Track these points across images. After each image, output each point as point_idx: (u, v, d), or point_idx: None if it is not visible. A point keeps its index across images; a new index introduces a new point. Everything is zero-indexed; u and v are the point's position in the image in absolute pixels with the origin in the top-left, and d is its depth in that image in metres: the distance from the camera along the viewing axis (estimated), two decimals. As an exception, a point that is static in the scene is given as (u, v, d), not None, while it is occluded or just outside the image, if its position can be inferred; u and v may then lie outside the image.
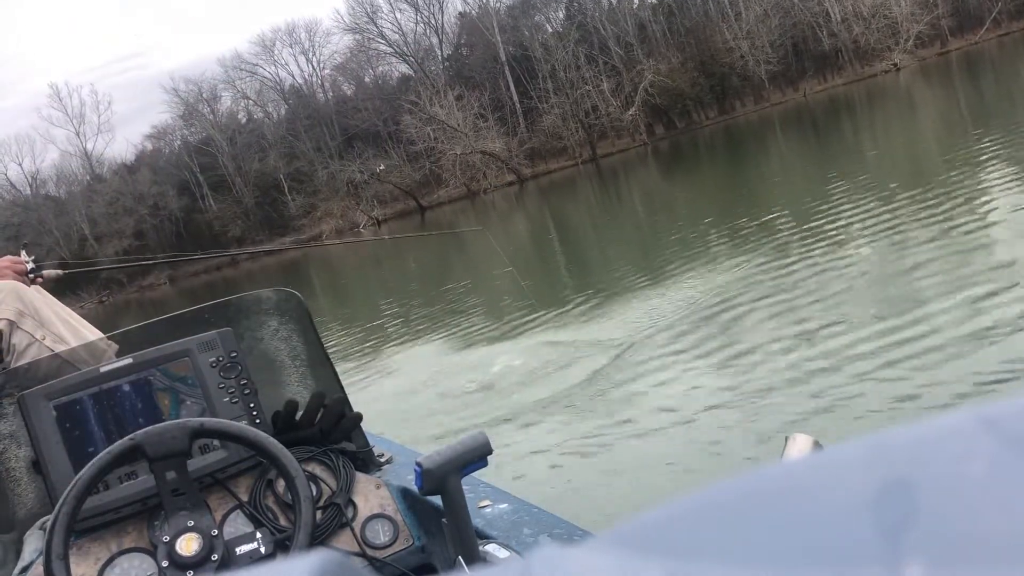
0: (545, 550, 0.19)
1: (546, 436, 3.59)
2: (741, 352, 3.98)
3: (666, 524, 0.19)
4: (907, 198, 6.64)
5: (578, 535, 1.22)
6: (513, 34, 41.57)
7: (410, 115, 37.49)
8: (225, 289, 24.51)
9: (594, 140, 39.16)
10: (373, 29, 43.64)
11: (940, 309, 3.72)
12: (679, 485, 2.70)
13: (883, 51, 36.79)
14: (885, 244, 5.32)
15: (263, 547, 1.17)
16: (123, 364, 1.31)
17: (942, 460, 0.17)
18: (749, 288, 5.27)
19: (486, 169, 37.02)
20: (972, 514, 0.16)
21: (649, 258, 7.27)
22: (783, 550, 0.17)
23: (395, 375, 5.72)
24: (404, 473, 1.40)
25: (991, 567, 0.15)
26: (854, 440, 0.19)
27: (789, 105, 35.21)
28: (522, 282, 6.53)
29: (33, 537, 1.24)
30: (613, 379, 4.13)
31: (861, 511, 0.17)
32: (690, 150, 28.19)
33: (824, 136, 17.94)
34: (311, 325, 1.54)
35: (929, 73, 29.27)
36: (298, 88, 45.83)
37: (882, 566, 0.16)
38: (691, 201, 13.13)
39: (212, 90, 45.14)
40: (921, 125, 13.66)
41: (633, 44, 39.47)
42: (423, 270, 14.33)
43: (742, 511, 0.18)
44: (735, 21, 38.76)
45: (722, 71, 38.84)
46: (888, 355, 3.36)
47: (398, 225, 34.48)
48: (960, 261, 4.38)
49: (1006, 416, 0.18)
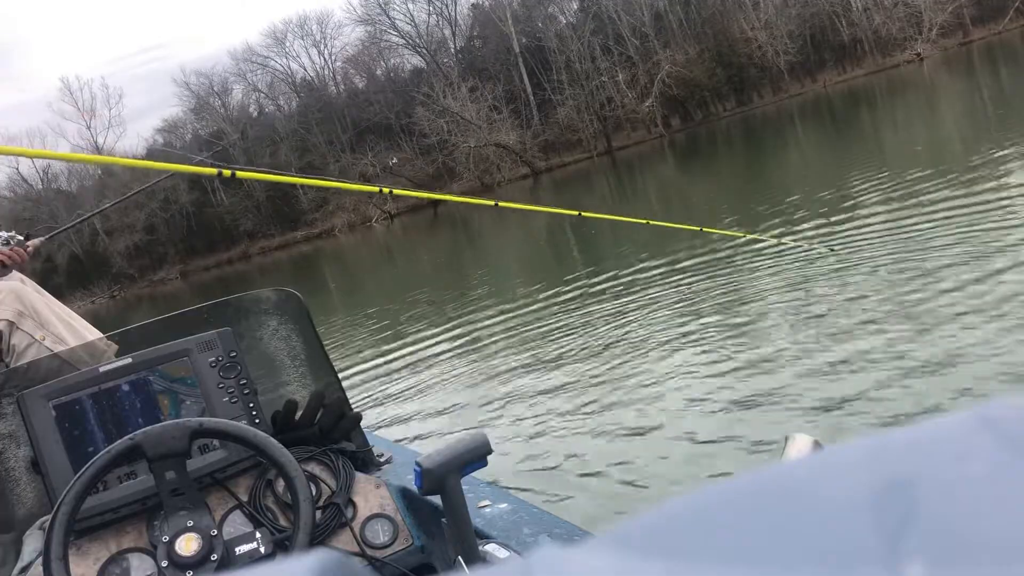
0: (545, 550, 0.19)
1: (546, 436, 3.58)
2: (742, 352, 3.94)
3: (666, 524, 0.19)
4: (928, 196, 6.53)
5: (578, 535, 1.22)
6: (527, 25, 41.41)
7: (423, 107, 37.48)
8: (237, 283, 24.74)
9: (609, 132, 38.97)
10: (385, 20, 43.70)
11: (948, 310, 3.66)
12: (679, 485, 2.68)
13: (904, 41, 36.23)
14: (895, 244, 5.24)
15: (263, 547, 1.17)
16: (122, 364, 1.31)
17: (942, 460, 0.18)
18: (749, 288, 5.22)
19: (500, 162, 36.95)
20: (972, 514, 0.16)
21: (660, 256, 7.21)
22: (783, 550, 0.17)
23: (395, 375, 5.72)
24: (404, 473, 1.40)
25: (991, 567, 0.15)
26: (854, 440, 0.19)
27: (808, 96, 34.80)
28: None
29: (32, 537, 1.24)
30: (614, 379, 4.11)
31: (861, 511, 0.17)
32: (707, 142, 27.93)
33: (845, 129, 17.69)
34: (311, 325, 1.53)
35: (954, 64, 28.73)
36: (310, 81, 45.99)
37: (882, 566, 0.16)
38: (708, 195, 13.02)
39: (223, 83, 45.45)
40: (952, 119, 13.39)
41: (649, 34, 39.15)
42: (431, 266, 14.36)
43: (742, 511, 0.18)
44: (753, 11, 38.32)
45: (740, 62, 38.46)
46: (888, 355, 3.32)
47: (411, 219, 34.54)
48: (973, 261, 4.31)
49: (1006, 416, 0.18)
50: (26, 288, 1.62)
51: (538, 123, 39.88)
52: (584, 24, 39.37)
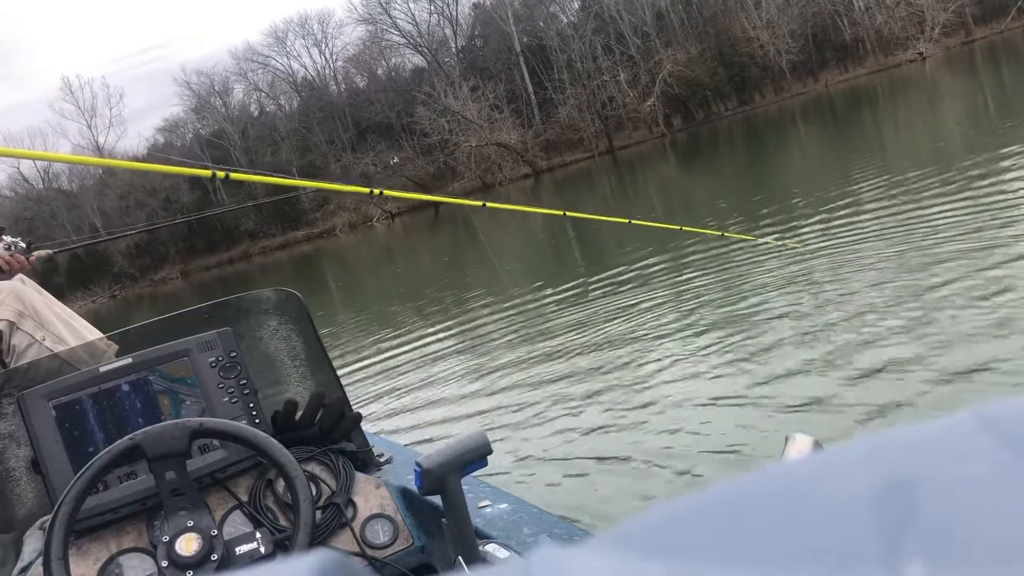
0: (545, 550, 0.19)
1: (546, 436, 3.58)
2: (742, 352, 3.94)
3: (666, 524, 0.19)
4: (931, 195, 6.51)
5: (578, 535, 1.22)
6: (528, 24, 41.39)
7: (424, 107, 37.47)
8: (238, 283, 24.74)
9: (611, 132, 38.93)
10: (387, 20, 43.70)
11: (949, 310, 3.66)
12: (679, 485, 2.68)
13: (906, 40, 36.17)
14: (895, 244, 5.23)
15: (263, 547, 1.17)
16: (123, 364, 1.31)
17: (942, 460, 0.18)
18: (749, 289, 5.22)
19: (501, 161, 36.94)
20: (972, 514, 0.16)
21: (662, 253, 7.21)
22: (783, 550, 0.17)
23: (395, 374, 5.72)
24: (404, 473, 1.40)
25: (991, 567, 0.15)
26: (854, 440, 0.19)
27: (810, 96, 34.75)
28: (502, 273, 6.46)
29: (33, 537, 1.25)
30: (614, 379, 4.11)
31: (861, 511, 0.17)
32: (709, 142, 27.89)
33: (847, 128, 17.66)
34: (311, 325, 1.53)
35: (956, 63, 28.66)
36: (311, 80, 45.99)
37: (882, 566, 0.16)
38: (708, 194, 13.01)
39: (224, 82, 45.46)
40: (958, 119, 13.32)
41: (651, 33, 39.12)
42: (432, 266, 14.36)
43: (742, 511, 0.18)
44: (754, 10, 38.28)
45: (741, 61, 38.42)
46: (889, 355, 3.32)
47: (412, 219, 34.52)
48: (974, 261, 4.30)
49: (1006, 416, 0.18)
50: (26, 288, 1.62)
51: (539, 122, 39.86)
52: (586, 23, 39.34)
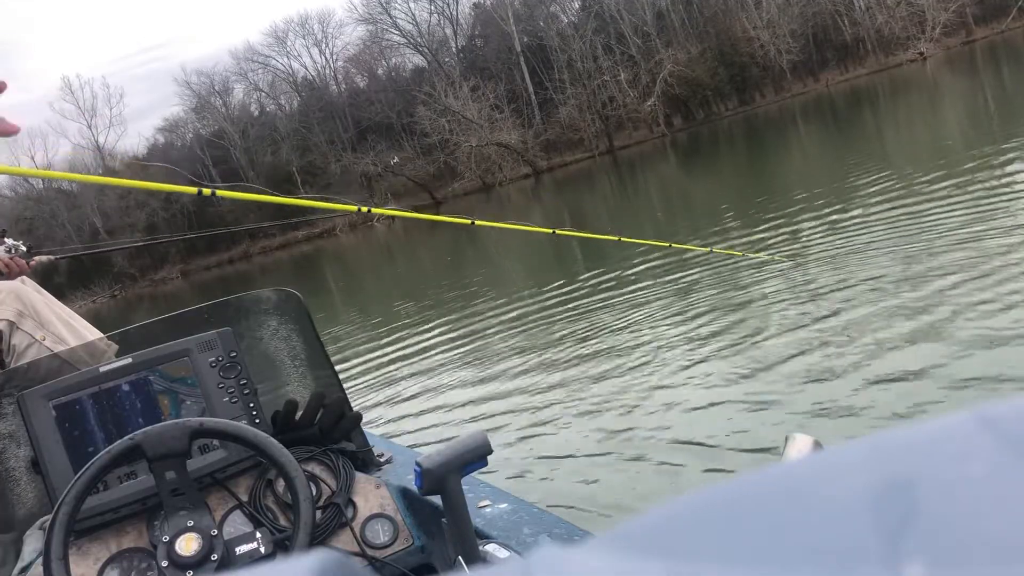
0: (545, 550, 0.19)
1: (546, 436, 3.58)
2: (742, 352, 3.94)
3: (666, 524, 0.19)
4: (932, 196, 6.50)
5: (578, 535, 1.22)
6: (529, 24, 41.39)
7: (424, 107, 37.47)
8: (238, 283, 24.74)
9: (611, 132, 38.93)
10: (387, 19, 43.69)
11: (949, 310, 3.65)
12: (679, 485, 2.68)
13: (907, 40, 36.16)
14: (895, 246, 5.23)
15: (263, 547, 1.17)
16: (123, 364, 1.31)
17: (942, 460, 0.18)
18: (749, 289, 5.21)
19: (501, 161, 36.95)
20: (972, 514, 0.16)
21: (660, 258, 7.21)
22: (783, 550, 0.17)
23: (396, 374, 5.72)
24: (404, 473, 1.40)
25: (991, 567, 0.15)
26: (854, 440, 0.19)
27: (810, 96, 34.74)
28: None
29: (33, 537, 1.25)
30: (613, 379, 4.11)
31: (861, 511, 0.17)
32: (709, 142, 27.88)
33: (848, 128, 17.65)
34: (311, 325, 1.53)
35: (957, 63, 28.64)
36: (311, 80, 45.99)
37: (882, 566, 0.16)
38: (709, 194, 13.01)
39: (224, 82, 45.48)
40: (960, 119, 13.30)
41: (651, 33, 39.12)
42: (432, 266, 14.35)
43: (742, 511, 0.18)
44: (755, 10, 38.27)
45: (742, 61, 38.41)
46: (889, 356, 3.32)
47: (412, 219, 34.42)
48: (974, 260, 4.30)
49: (1006, 416, 0.18)
50: (26, 288, 1.62)
51: (540, 122, 39.85)
52: (586, 23, 39.34)
